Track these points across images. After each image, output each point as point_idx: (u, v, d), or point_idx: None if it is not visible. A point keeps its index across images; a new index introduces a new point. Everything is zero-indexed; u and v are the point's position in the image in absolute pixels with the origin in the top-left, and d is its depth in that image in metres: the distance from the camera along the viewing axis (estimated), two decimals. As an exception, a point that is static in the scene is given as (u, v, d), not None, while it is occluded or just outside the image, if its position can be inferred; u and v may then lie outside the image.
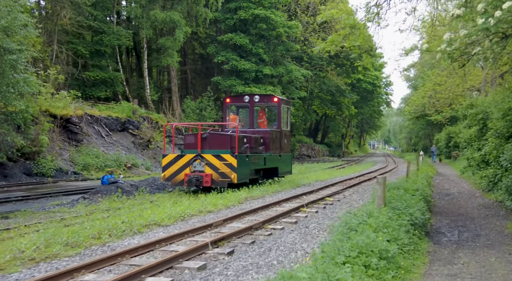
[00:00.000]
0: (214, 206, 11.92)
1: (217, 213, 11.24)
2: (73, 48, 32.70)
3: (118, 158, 26.06)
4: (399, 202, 9.47)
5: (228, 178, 14.78)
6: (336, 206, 12.69)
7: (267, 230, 9.21)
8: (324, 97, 57.06)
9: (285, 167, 20.57)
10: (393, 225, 7.59)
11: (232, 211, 11.46)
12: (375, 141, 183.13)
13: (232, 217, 10.23)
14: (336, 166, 37.28)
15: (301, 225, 9.84)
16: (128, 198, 13.31)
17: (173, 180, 15.23)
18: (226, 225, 9.66)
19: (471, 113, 23.40)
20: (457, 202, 14.93)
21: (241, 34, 40.90)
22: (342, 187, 18.01)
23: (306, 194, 15.02)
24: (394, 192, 10.20)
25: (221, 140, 15.78)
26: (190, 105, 39.22)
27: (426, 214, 10.08)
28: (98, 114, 29.08)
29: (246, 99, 19.42)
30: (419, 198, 11.64)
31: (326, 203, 12.90)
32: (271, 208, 11.95)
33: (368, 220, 7.43)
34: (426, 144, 73.98)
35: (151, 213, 10.46)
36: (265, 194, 15.17)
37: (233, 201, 12.77)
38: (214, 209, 11.71)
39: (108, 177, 15.01)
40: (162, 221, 9.88)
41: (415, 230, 8.79)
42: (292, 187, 18.06)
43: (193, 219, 10.58)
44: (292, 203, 12.71)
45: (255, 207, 11.75)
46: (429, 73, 58.87)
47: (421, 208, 9.67)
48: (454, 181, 22.96)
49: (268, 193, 15.66)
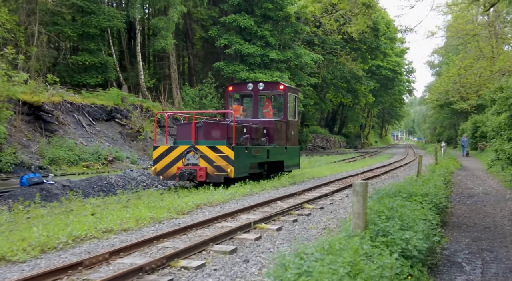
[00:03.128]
0: (138, 221, 8.51)
1: (127, 235, 7.95)
2: (58, 30, 29.98)
3: (97, 151, 23.24)
4: (392, 220, 6.28)
5: (224, 172, 13.62)
6: (312, 219, 9.32)
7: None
8: (339, 84, 53.32)
9: (292, 160, 18.75)
10: (368, 270, 4.42)
11: (144, 234, 7.76)
12: (399, 132, 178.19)
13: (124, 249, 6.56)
14: (347, 159, 33.80)
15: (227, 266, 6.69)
16: (49, 206, 10.27)
17: (165, 174, 14.20)
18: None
19: (501, 97, 19.81)
20: (481, 208, 11.59)
21: (246, 15, 37.63)
22: (337, 186, 14.83)
23: (285, 198, 11.82)
24: (386, 203, 6.94)
25: (217, 130, 14.63)
26: (189, 93, 36.22)
27: (433, 237, 6.87)
28: (80, 102, 26.29)
29: (250, 87, 18.13)
30: (428, 207, 8.42)
31: (302, 214, 9.65)
32: (210, 225, 8.39)
33: (320, 262, 4.27)
34: (451, 135, 69.97)
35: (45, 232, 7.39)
36: (237, 196, 12.10)
37: (180, 209, 9.61)
38: (133, 227, 8.26)
39: (30, 177, 12.03)
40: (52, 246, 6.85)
41: (412, 267, 5.60)
42: (279, 186, 14.97)
43: (118, 236, 7.57)
44: (248, 215, 9.33)
45: (186, 224, 8.21)
46: (454, 58, 54.87)
47: (425, 229, 6.44)
48: (480, 178, 19.48)
49: (246, 193, 12.63)
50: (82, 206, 10.28)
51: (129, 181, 13.30)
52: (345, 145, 67.05)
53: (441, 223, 9.21)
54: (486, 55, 35.83)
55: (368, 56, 55.30)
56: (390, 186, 9.67)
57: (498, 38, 35.59)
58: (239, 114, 18.10)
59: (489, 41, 35.22)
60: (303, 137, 52.39)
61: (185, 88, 36.70)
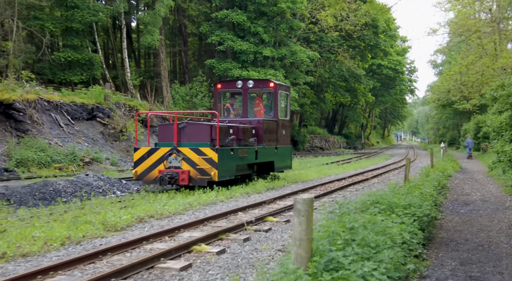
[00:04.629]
0: (48, 243, 6.87)
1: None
2: (39, 25, 28.61)
3: (73, 152, 21.83)
4: (350, 246, 4.85)
5: (207, 175, 13.04)
6: (270, 236, 7.64)
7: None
8: (337, 83, 51.71)
9: (283, 161, 18.08)
10: None
11: (39, 264, 6.06)
12: (402, 132, 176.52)
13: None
14: (341, 160, 32.23)
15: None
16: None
17: (146, 177, 13.60)
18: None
19: (502, 95, 18.34)
20: (476, 219, 10.15)
21: (238, 10, 36.18)
22: (318, 192, 13.46)
23: (250, 208, 10.31)
24: (346, 222, 5.45)
25: (201, 131, 13.94)
26: (179, 91, 34.83)
27: (408, 264, 5.42)
28: (58, 100, 24.93)
29: (239, 84, 17.41)
30: (409, 222, 7.00)
31: (260, 229, 8.09)
32: (136, 248, 6.84)
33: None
34: (454, 135, 68.51)
35: None
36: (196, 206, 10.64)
37: (114, 225, 8.04)
38: (36, 251, 6.54)
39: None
40: None
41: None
42: (252, 192, 13.55)
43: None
44: (194, 232, 7.78)
45: (101, 248, 6.55)
46: (456, 57, 53.43)
47: (394, 256, 4.98)
48: (479, 182, 18.00)
49: (208, 202, 11.20)
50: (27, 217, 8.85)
51: (81, 187, 11.87)
52: (345, 146, 65.53)
53: (426, 239, 7.79)
54: (489, 52, 34.32)
55: (368, 54, 53.71)
56: (366, 196, 8.24)
57: (501, 34, 34.06)
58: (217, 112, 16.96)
59: (491, 37, 33.69)
60: (300, 137, 50.93)
61: (174, 86, 35.30)
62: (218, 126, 13.79)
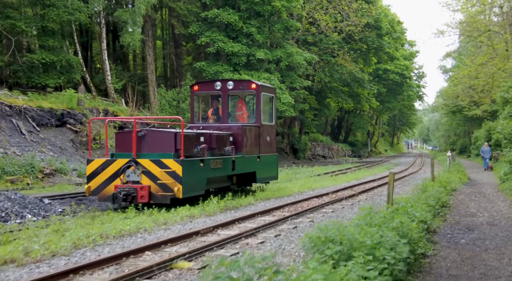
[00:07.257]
0: None
1: None
2: (9, 24, 26.50)
3: (30, 162, 19.49)
4: None
5: (170, 192, 11.35)
6: None
7: None
8: (339, 87, 49.02)
9: (267, 171, 16.28)
10: None
11: None
12: (413, 140, 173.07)
13: None
14: (338, 170, 29.50)
15: None
16: None
17: (100, 194, 11.98)
18: None
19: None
20: (481, 255, 7.57)
21: (230, 9, 33.89)
22: (287, 213, 10.95)
23: (176, 241, 7.68)
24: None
25: (164, 140, 12.22)
26: (165, 96, 32.56)
27: None
28: (22, 105, 22.71)
29: (218, 86, 15.76)
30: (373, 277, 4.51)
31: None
32: None
33: None
34: (465, 143, 65.61)
35: None
36: (107, 238, 8.17)
37: None
38: None
39: None
40: None
41: None
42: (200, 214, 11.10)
43: None
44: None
45: None
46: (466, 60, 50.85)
47: None
48: (488, 197, 15.33)
49: (128, 231, 8.74)
50: None
51: (-23, 209, 9.50)
52: (350, 154, 62.80)
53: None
54: (500, 53, 31.71)
55: (372, 58, 51.05)
56: (319, 230, 5.73)
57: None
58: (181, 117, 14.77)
59: (503, 36, 31.08)
60: (301, 145, 48.42)
61: (160, 90, 33.04)
62: (183, 134, 11.86)
